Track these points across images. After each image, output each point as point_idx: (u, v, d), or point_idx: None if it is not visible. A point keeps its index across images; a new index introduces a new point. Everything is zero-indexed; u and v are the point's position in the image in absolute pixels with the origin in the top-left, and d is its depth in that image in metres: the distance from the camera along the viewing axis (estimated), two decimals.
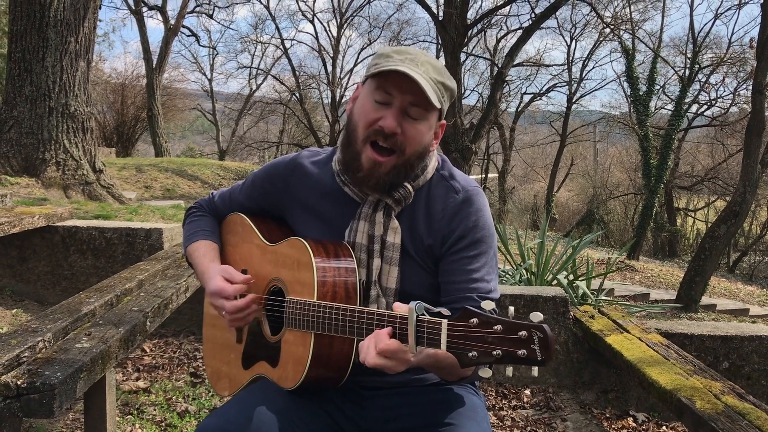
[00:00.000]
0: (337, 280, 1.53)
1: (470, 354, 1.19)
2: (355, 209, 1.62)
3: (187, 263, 1.86)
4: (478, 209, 1.59)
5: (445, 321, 1.23)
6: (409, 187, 1.59)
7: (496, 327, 1.17)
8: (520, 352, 1.15)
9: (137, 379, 3.58)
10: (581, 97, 30.15)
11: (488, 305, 1.22)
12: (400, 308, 1.33)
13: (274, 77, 32.25)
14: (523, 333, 1.15)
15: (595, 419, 3.56)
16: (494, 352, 1.17)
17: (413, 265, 1.60)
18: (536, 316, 1.16)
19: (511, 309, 1.22)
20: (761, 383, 3.68)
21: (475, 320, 1.20)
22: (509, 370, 1.24)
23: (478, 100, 30.80)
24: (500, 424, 3.39)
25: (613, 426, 3.52)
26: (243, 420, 1.46)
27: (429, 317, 1.26)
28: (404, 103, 1.50)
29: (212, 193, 1.93)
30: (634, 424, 3.57)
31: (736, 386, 2.70)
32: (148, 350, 4.06)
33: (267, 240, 1.70)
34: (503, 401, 3.68)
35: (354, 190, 1.62)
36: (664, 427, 3.56)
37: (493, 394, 3.76)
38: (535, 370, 1.21)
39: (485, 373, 1.22)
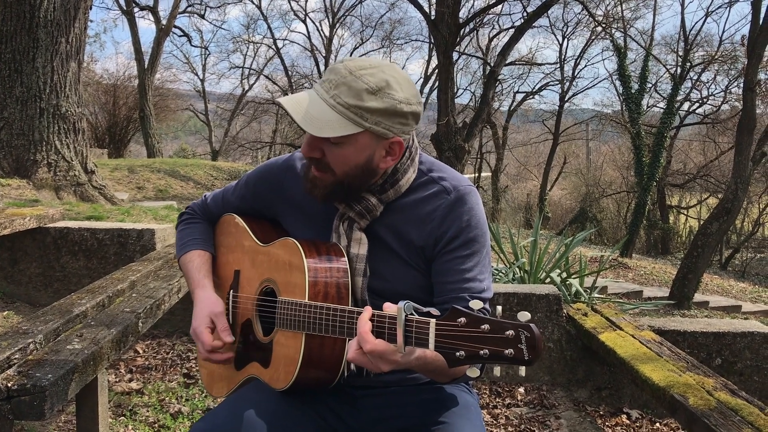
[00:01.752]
0: (329, 281, 1.52)
1: (458, 353, 1.19)
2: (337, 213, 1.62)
3: (181, 271, 1.86)
4: (471, 208, 1.58)
5: (433, 320, 1.23)
6: (372, 200, 1.57)
7: (483, 326, 1.17)
8: (507, 351, 1.14)
9: (130, 380, 3.57)
10: (573, 95, 30.22)
11: (476, 305, 1.21)
12: (389, 308, 1.32)
13: (266, 77, 32.30)
14: (511, 332, 1.14)
15: (589, 416, 3.57)
16: (481, 352, 1.16)
17: (405, 267, 1.60)
18: (524, 316, 1.16)
19: (499, 308, 1.22)
20: (754, 379, 3.69)
21: (463, 320, 1.19)
22: (497, 370, 1.24)
23: (471, 99, 30.91)
24: (494, 422, 3.39)
25: (606, 423, 3.53)
26: (233, 423, 1.45)
27: (417, 317, 1.26)
28: None
29: (205, 195, 1.92)
30: (627, 421, 3.57)
31: (729, 382, 2.71)
32: (140, 351, 4.04)
33: (260, 241, 1.69)
34: (497, 399, 3.69)
35: None
36: (657, 424, 3.57)
37: (487, 392, 3.76)
38: (522, 370, 1.21)
39: (473, 372, 1.22)
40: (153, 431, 2.99)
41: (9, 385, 1.82)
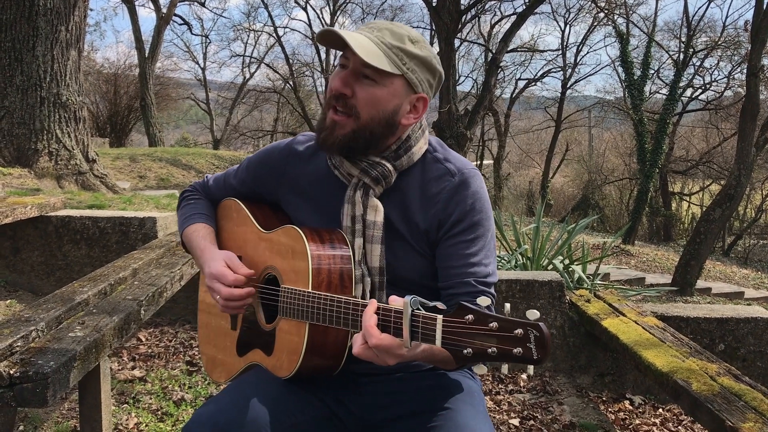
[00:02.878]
0: (332, 269, 1.51)
1: (465, 351, 1.17)
2: (344, 193, 1.60)
3: (182, 246, 1.83)
4: (475, 192, 1.57)
5: (440, 317, 1.21)
6: (387, 165, 1.56)
7: (491, 324, 1.15)
8: (515, 350, 1.12)
9: (133, 368, 3.57)
10: (576, 82, 30.12)
11: (484, 301, 1.19)
12: (395, 301, 1.31)
13: (267, 65, 32.17)
14: (519, 331, 1.12)
15: (591, 403, 3.57)
16: (489, 350, 1.14)
17: (409, 250, 1.58)
18: (533, 314, 1.13)
19: (507, 306, 1.19)
20: (757, 365, 3.69)
21: (470, 317, 1.17)
22: (505, 367, 1.22)
23: (473, 86, 30.79)
24: (497, 408, 3.40)
25: (609, 409, 3.53)
26: (237, 408, 1.45)
27: (424, 312, 1.24)
28: (356, 65, 1.48)
29: (207, 177, 1.90)
30: (630, 407, 3.57)
31: (732, 368, 2.70)
32: (143, 339, 4.05)
33: (262, 227, 1.68)
34: (500, 386, 3.69)
35: (342, 172, 1.60)
36: (660, 410, 3.57)
37: (490, 378, 3.76)
38: (530, 368, 1.19)
39: (480, 369, 1.20)
40: (156, 418, 3.00)
41: (11, 372, 1.82)
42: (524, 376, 3.81)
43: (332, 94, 1.51)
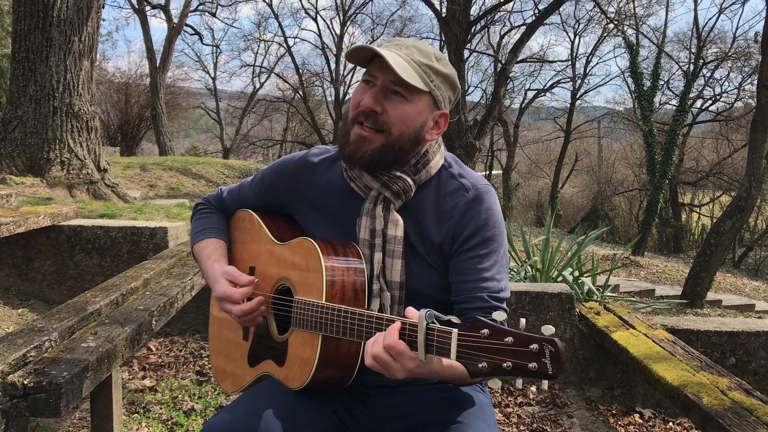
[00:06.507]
0: (346, 281, 1.52)
1: (480, 365, 1.18)
2: (360, 206, 1.61)
3: (194, 260, 1.86)
4: (489, 207, 1.58)
5: (455, 330, 1.22)
6: (408, 180, 1.58)
7: (507, 339, 1.16)
8: (531, 365, 1.13)
9: (143, 377, 3.58)
10: (585, 92, 30.05)
11: (500, 316, 1.20)
12: (411, 314, 1.32)
13: (277, 75, 32.31)
14: (535, 346, 1.13)
15: (601, 416, 3.56)
16: (504, 365, 1.15)
17: (423, 263, 1.59)
18: (548, 330, 1.15)
19: (523, 321, 1.20)
20: None
21: (486, 331, 1.18)
22: (519, 382, 1.23)
23: (482, 96, 30.76)
24: (506, 420, 3.39)
25: (619, 422, 3.51)
26: (249, 419, 1.46)
27: (439, 326, 1.25)
28: (385, 82, 1.51)
29: (221, 189, 1.92)
30: (640, 421, 3.56)
31: (743, 382, 2.69)
32: (154, 349, 4.06)
33: (276, 238, 1.69)
34: (509, 398, 3.68)
35: (359, 185, 1.62)
36: (670, 423, 3.55)
37: (499, 391, 3.75)
38: (545, 383, 1.20)
39: (494, 383, 1.21)
40: (166, 429, 3.00)
41: (25, 382, 1.84)
42: (533, 388, 3.80)
43: (361, 110, 1.53)
